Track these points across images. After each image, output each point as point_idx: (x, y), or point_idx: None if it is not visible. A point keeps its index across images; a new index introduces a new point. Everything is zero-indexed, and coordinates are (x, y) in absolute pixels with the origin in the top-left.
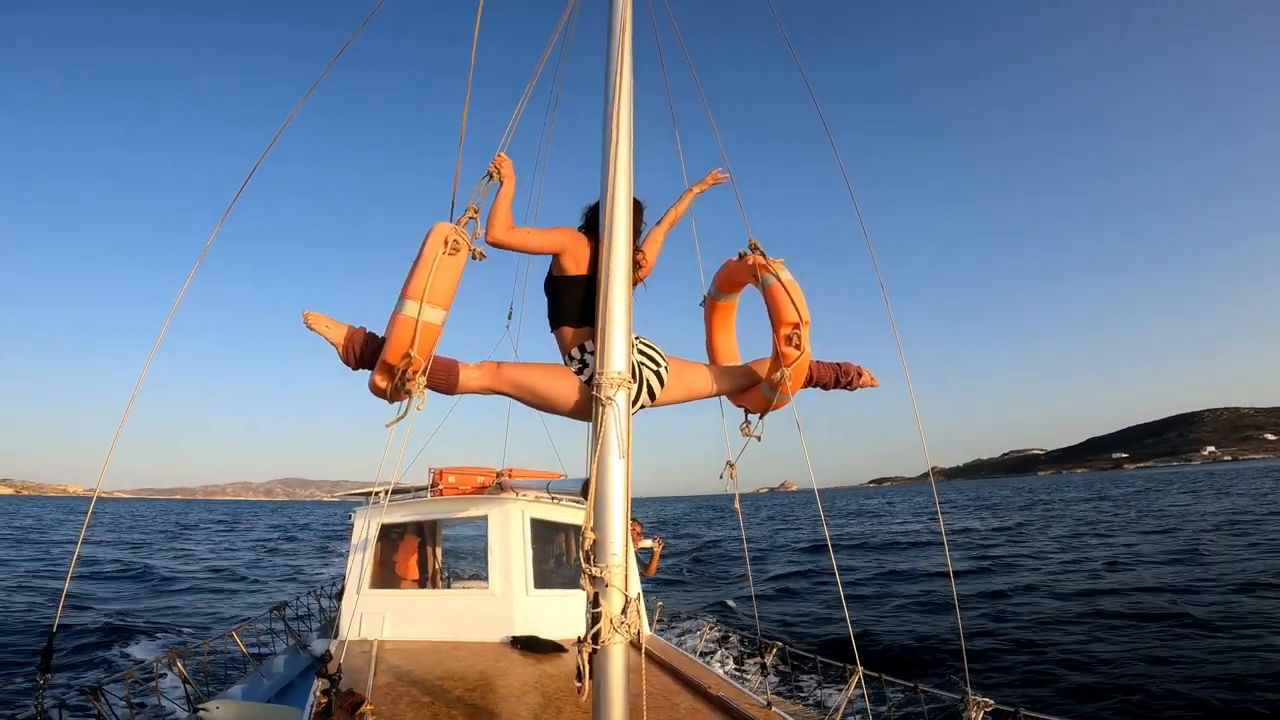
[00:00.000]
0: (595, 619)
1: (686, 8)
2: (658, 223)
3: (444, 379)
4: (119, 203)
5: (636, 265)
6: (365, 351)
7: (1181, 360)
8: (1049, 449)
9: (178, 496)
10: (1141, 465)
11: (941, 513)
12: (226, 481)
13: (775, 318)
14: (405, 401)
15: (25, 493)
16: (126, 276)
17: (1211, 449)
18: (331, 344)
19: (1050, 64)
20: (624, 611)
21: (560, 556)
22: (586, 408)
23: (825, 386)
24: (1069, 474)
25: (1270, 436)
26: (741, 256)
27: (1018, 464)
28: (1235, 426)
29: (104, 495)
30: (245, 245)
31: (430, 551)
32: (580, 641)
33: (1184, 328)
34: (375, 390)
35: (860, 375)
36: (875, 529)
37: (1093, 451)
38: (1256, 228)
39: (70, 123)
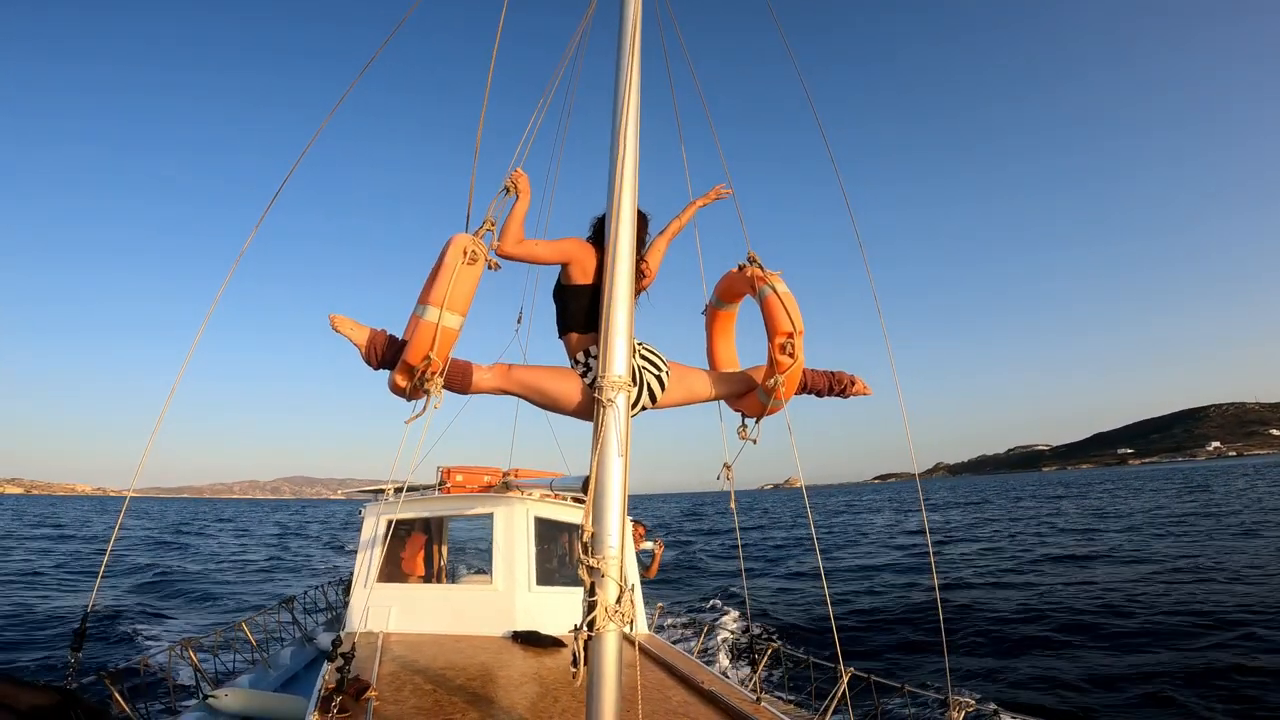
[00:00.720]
0: (591, 607)
1: (695, 19)
2: (661, 233)
3: (459, 379)
4: (121, 203)
5: (640, 275)
6: (386, 353)
7: (1190, 356)
8: (1055, 445)
9: (185, 495)
10: (1146, 461)
11: (904, 510)
12: (234, 480)
13: (771, 327)
14: (423, 400)
15: (35, 492)
16: (129, 276)
17: (1216, 444)
18: (355, 345)
19: (1055, 62)
20: (619, 601)
21: (563, 556)
22: (589, 408)
23: (819, 393)
24: (1073, 470)
25: (1275, 432)
26: (740, 268)
27: (1023, 460)
28: (1241, 422)
29: (115, 494)
30: (253, 245)
31: (437, 548)
32: (576, 629)
33: (1192, 324)
34: (395, 389)
35: (853, 383)
36: (842, 526)
37: (1098, 447)
38: (1263, 224)
39: (78, 122)
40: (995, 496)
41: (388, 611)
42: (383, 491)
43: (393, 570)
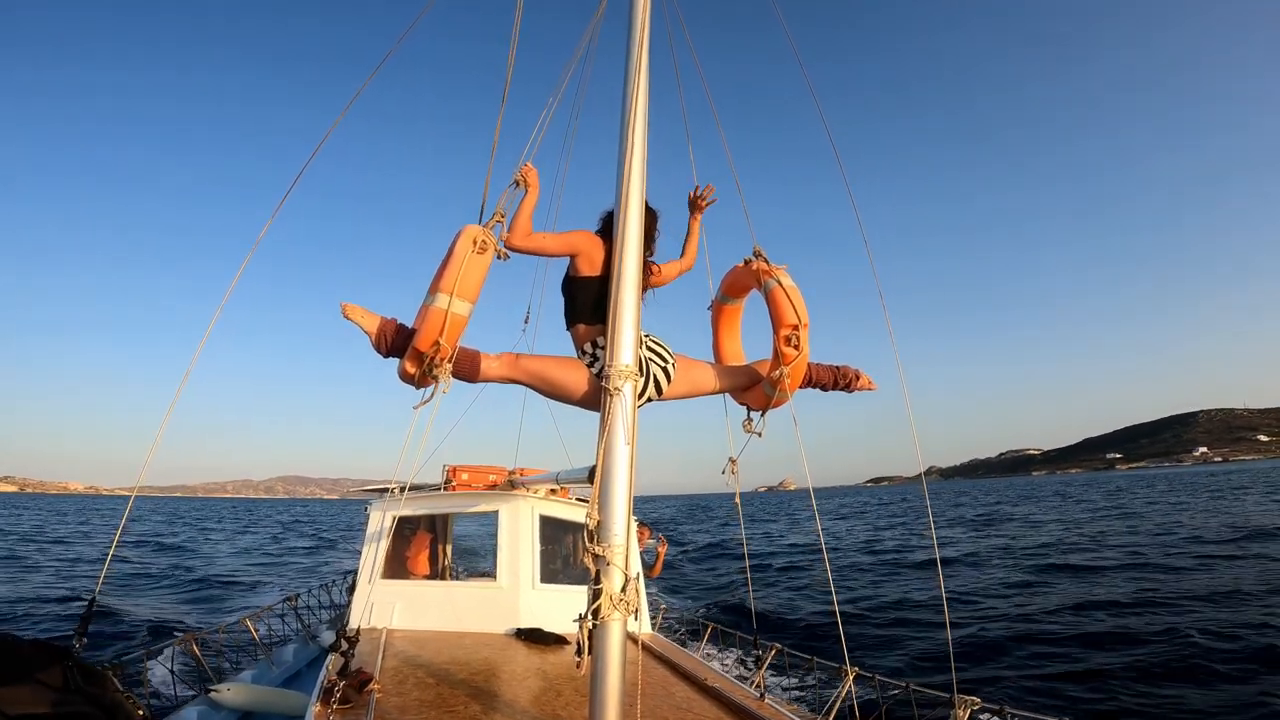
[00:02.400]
0: (596, 595)
1: (704, 16)
2: (678, 260)
3: (468, 367)
4: (119, 202)
5: (648, 270)
6: (396, 340)
7: (1182, 361)
8: (1045, 449)
9: (178, 494)
10: (1134, 466)
11: (885, 513)
12: (227, 479)
13: (776, 320)
14: (432, 387)
15: (28, 490)
16: (124, 275)
17: (1204, 450)
18: (365, 332)
19: (1053, 58)
20: (623, 590)
21: (567, 556)
22: (596, 398)
23: (824, 387)
24: (1063, 474)
25: (1263, 438)
26: (746, 263)
27: (1014, 464)
28: (1229, 427)
29: (106, 493)
30: (246, 245)
31: (441, 547)
32: (581, 618)
33: (1188, 328)
34: (404, 376)
35: (858, 378)
36: (802, 528)
37: (1088, 451)
38: (1257, 224)
39: (77, 124)
40: (953, 502)
41: (391, 608)
42: (389, 489)
43: (397, 567)
